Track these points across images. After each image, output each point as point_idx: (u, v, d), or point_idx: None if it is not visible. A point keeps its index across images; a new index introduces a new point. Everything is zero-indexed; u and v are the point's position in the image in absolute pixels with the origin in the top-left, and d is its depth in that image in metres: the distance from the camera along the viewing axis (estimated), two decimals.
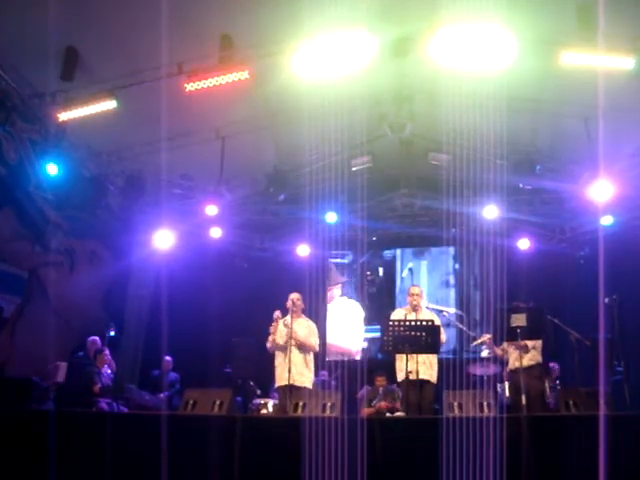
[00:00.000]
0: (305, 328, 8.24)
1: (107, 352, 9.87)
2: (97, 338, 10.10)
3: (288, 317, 8.11)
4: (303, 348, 8.10)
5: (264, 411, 9.43)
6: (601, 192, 9.81)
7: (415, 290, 8.26)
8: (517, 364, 7.85)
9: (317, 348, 8.31)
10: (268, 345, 8.21)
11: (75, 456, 6.13)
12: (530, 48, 7.57)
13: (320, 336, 8.59)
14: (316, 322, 8.60)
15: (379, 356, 11.40)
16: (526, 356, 8.05)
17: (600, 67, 7.57)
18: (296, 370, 7.91)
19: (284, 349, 8.02)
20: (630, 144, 9.74)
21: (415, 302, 8.06)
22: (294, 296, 8.30)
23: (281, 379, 7.99)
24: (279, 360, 8.13)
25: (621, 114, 8.59)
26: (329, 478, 5.49)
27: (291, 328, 7.98)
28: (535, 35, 7.53)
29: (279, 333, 8.09)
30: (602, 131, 8.73)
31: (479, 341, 9.01)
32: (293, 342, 7.98)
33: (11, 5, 7.74)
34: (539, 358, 8.24)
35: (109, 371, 9.86)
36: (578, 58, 7.56)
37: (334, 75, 7.79)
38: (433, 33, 7.40)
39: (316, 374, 8.88)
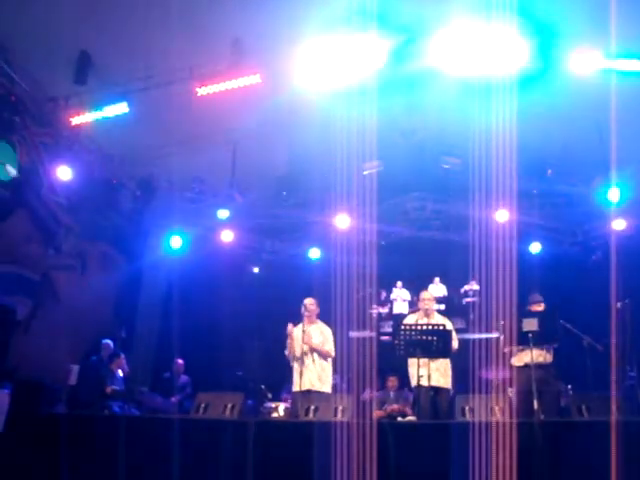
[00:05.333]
0: (320, 335, 8.17)
1: (123, 356, 9.92)
2: (110, 341, 10.14)
3: (301, 324, 8.14)
4: (318, 354, 8.09)
5: (275, 415, 9.44)
6: (613, 196, 9.78)
7: (426, 295, 8.23)
8: (526, 359, 7.75)
9: (333, 354, 8.24)
10: (286, 353, 8.21)
11: (87, 459, 6.16)
12: (542, 51, 7.56)
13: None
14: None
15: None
16: (546, 354, 7.99)
17: (612, 70, 7.55)
18: (313, 375, 7.93)
19: (302, 354, 8.00)
20: None
21: (427, 307, 8.03)
22: (308, 301, 8.27)
23: (296, 384, 7.98)
24: (295, 365, 8.10)
25: (633, 117, 8.56)
26: None
27: (302, 333, 8.00)
28: (547, 38, 7.52)
29: (296, 341, 8.08)
30: (614, 135, 8.70)
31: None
32: (307, 348, 8.00)
33: (24, 10, 7.80)
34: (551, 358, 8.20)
35: (121, 374, 9.90)
36: (590, 61, 7.55)
37: (346, 79, 7.80)
38: (445, 38, 7.40)
39: None
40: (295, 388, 7.99)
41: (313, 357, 8.03)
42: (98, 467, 6.16)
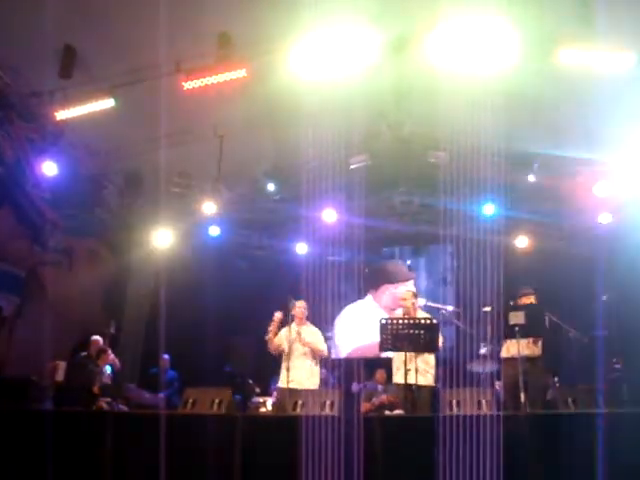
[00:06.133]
0: (312, 335, 8.40)
1: (110, 351, 9.88)
2: (99, 337, 10.09)
3: (293, 325, 8.28)
4: (312, 353, 8.26)
5: (263, 409, 9.46)
6: (600, 190, 9.82)
7: (406, 295, 8.32)
8: (513, 351, 7.80)
9: (326, 353, 8.54)
10: (267, 339, 8.34)
11: (75, 455, 6.15)
12: (529, 45, 7.56)
13: None
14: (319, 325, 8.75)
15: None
16: (533, 347, 8.05)
17: (599, 64, 7.56)
18: (301, 374, 8.08)
19: (291, 354, 8.13)
20: (629, 142, 9.73)
21: (408, 307, 8.10)
22: (300, 304, 8.48)
23: (283, 381, 8.07)
24: (285, 364, 8.22)
25: (620, 111, 8.59)
26: (329, 475, 5.51)
27: (296, 334, 8.13)
28: (534, 32, 7.52)
29: (286, 339, 8.20)
30: (600, 129, 8.75)
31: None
32: (301, 348, 8.20)
33: (9, 4, 7.73)
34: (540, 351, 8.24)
35: (109, 371, 9.86)
36: (577, 55, 7.55)
37: (332, 73, 7.78)
38: (432, 31, 7.39)
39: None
40: (282, 385, 8.06)
41: (302, 357, 8.20)
42: (86, 463, 6.15)
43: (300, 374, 8.08)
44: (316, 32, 7.41)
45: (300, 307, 8.46)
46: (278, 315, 8.26)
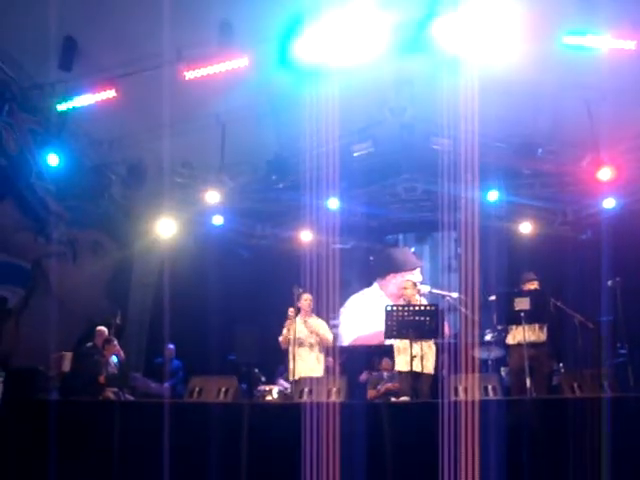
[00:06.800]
0: (318, 325, 8.55)
1: (115, 342, 9.92)
2: (104, 328, 10.12)
3: (299, 318, 8.41)
4: (317, 344, 8.42)
5: (269, 398, 9.47)
6: (603, 174, 9.79)
7: (407, 284, 8.35)
8: (519, 338, 7.84)
9: (331, 341, 8.75)
10: (281, 339, 8.43)
11: (82, 444, 6.18)
12: (531, 30, 7.52)
13: None
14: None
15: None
16: (539, 332, 8.06)
17: (602, 48, 7.52)
18: (308, 366, 8.20)
19: (298, 345, 8.25)
20: (632, 126, 9.69)
21: (408, 296, 8.14)
22: (306, 296, 8.58)
23: (295, 373, 8.15)
24: (291, 355, 8.28)
25: (623, 96, 8.56)
26: (335, 462, 5.53)
27: (293, 326, 8.23)
28: (536, 16, 7.48)
29: (292, 331, 8.27)
30: (604, 113, 8.71)
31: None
32: (307, 340, 8.35)
33: None
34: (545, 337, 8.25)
35: (115, 360, 9.90)
36: (580, 40, 7.52)
37: (334, 60, 7.75)
38: (434, 16, 7.35)
39: None
40: (291, 377, 8.15)
41: (308, 348, 8.35)
42: (93, 453, 6.18)
43: (305, 365, 8.19)
44: (317, 20, 7.38)
45: (307, 300, 8.56)
46: (292, 311, 8.35)
